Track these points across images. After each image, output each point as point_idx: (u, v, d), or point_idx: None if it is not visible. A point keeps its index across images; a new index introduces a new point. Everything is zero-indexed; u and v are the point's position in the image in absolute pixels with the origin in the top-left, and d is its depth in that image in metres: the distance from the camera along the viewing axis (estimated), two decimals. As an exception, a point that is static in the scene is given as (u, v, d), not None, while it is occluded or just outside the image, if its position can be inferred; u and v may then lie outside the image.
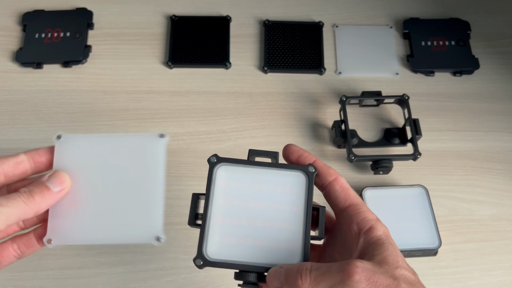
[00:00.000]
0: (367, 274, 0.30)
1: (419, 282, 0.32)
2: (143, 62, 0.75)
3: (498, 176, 0.68)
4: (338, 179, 0.38)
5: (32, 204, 0.34)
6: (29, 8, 0.77)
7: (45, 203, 0.35)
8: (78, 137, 0.38)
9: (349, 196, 0.37)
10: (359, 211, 0.36)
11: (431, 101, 0.73)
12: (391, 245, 0.34)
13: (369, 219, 0.35)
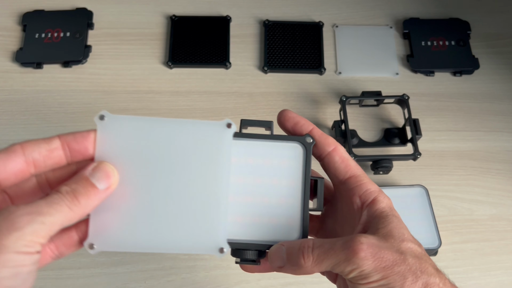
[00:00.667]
0: (373, 250, 0.29)
1: (426, 254, 0.32)
2: (143, 62, 0.75)
3: (498, 176, 0.68)
4: (337, 149, 0.35)
5: (77, 209, 0.28)
6: (29, 8, 0.77)
7: (91, 204, 0.29)
8: (125, 118, 0.31)
9: (349, 167, 0.35)
10: (361, 183, 0.34)
11: (431, 101, 0.73)
12: (395, 217, 0.32)
13: (371, 191, 0.34)
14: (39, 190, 0.31)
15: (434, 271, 0.30)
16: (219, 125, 0.32)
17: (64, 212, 0.27)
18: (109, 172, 0.30)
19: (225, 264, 0.60)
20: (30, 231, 0.25)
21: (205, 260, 0.60)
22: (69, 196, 0.28)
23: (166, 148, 0.31)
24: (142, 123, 0.31)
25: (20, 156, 0.29)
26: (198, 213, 0.31)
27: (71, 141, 0.31)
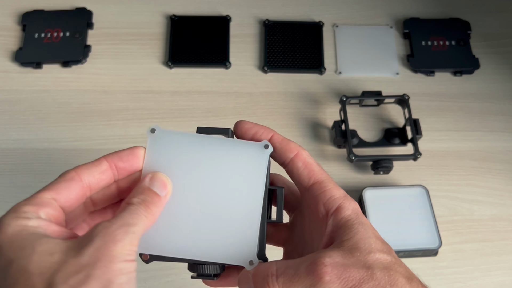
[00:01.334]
0: (338, 272, 0.28)
1: (396, 261, 0.30)
2: (143, 62, 0.75)
3: (499, 176, 0.68)
4: (300, 154, 0.34)
5: (151, 217, 0.30)
6: (29, 8, 0.77)
7: (158, 211, 0.31)
8: (172, 133, 0.33)
9: (313, 173, 0.33)
10: (325, 189, 0.32)
11: (431, 101, 0.73)
12: (361, 225, 0.31)
13: (335, 198, 0.32)
14: (84, 210, 0.34)
15: (405, 281, 0.29)
16: (258, 146, 0.33)
17: (143, 221, 0.29)
18: (164, 180, 0.32)
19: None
20: (128, 241, 0.27)
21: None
22: (142, 206, 0.30)
23: (207, 163, 0.33)
24: (187, 139, 0.33)
25: (78, 182, 0.31)
26: (232, 227, 0.32)
27: (118, 161, 0.33)
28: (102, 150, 0.67)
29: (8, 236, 0.27)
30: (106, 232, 0.27)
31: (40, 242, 0.27)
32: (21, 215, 0.29)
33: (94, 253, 0.26)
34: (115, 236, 0.27)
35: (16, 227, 0.28)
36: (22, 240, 0.27)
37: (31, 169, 0.66)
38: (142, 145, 0.33)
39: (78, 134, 0.68)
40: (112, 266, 0.26)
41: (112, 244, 0.27)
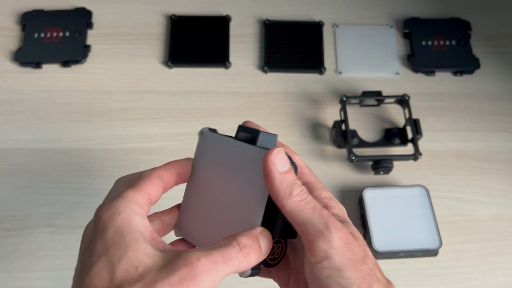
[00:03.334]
0: (348, 239, 0.28)
1: (379, 268, 0.31)
2: (143, 62, 0.74)
3: (499, 176, 0.67)
4: (291, 157, 0.34)
5: (246, 264, 0.30)
6: (28, 7, 0.77)
7: (253, 264, 0.31)
8: (213, 136, 0.36)
9: (302, 174, 0.34)
10: (312, 189, 0.33)
11: (431, 101, 0.73)
12: (349, 224, 0.31)
13: (322, 197, 0.33)
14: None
15: (386, 282, 0.30)
16: (260, 152, 0.32)
17: (234, 267, 0.29)
18: (269, 238, 0.31)
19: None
20: (204, 286, 0.27)
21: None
22: (245, 251, 0.29)
23: (228, 164, 0.34)
24: (221, 142, 0.35)
25: (162, 182, 0.33)
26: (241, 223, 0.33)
27: (179, 167, 0.35)
28: (102, 150, 0.67)
29: (115, 226, 0.29)
30: (189, 270, 0.27)
31: (134, 248, 0.28)
32: (131, 207, 0.30)
33: (177, 282, 0.26)
34: (195, 276, 0.27)
35: (124, 219, 0.29)
36: (122, 236, 0.28)
37: (31, 169, 0.66)
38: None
39: (77, 134, 0.68)
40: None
41: (188, 283, 0.26)
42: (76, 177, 0.65)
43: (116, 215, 0.29)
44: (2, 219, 0.62)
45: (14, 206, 0.63)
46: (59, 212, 0.63)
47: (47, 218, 0.62)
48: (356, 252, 0.29)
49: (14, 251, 0.60)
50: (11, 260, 0.60)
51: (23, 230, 0.61)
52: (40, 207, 0.63)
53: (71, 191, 0.64)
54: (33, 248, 0.60)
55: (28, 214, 0.62)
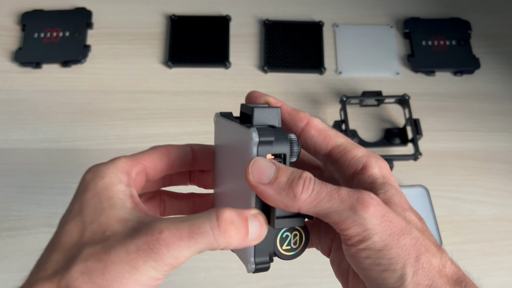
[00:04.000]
0: (382, 210, 0.25)
1: (428, 229, 0.28)
2: (143, 62, 0.74)
3: (499, 176, 0.67)
4: (310, 122, 0.30)
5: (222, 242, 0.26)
6: (28, 7, 0.77)
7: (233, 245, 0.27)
8: (221, 120, 0.33)
9: (329, 138, 0.30)
10: (345, 152, 0.29)
11: (431, 101, 0.73)
12: (392, 186, 0.28)
13: (359, 157, 0.29)
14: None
15: (436, 250, 0.27)
16: (246, 133, 0.29)
17: (206, 244, 0.25)
18: (263, 224, 0.27)
19: (225, 265, 0.59)
20: (163, 264, 0.24)
21: (205, 261, 0.60)
22: (224, 227, 0.25)
23: (230, 148, 0.32)
24: (222, 124, 0.33)
25: (167, 157, 0.32)
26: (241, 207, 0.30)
27: (199, 150, 0.33)
28: (101, 150, 0.67)
29: (95, 189, 0.28)
30: (149, 240, 0.24)
31: (108, 213, 0.27)
32: (117, 174, 0.29)
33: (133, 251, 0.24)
34: (151, 251, 0.24)
35: (105, 185, 0.28)
36: (99, 201, 0.28)
37: (31, 169, 0.66)
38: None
39: (77, 134, 0.68)
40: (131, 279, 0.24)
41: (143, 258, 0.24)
42: (76, 177, 0.65)
43: (99, 179, 0.29)
44: (2, 219, 0.62)
45: (14, 206, 0.63)
46: (59, 212, 0.62)
47: (47, 218, 0.62)
48: (395, 223, 0.25)
49: (14, 251, 0.60)
50: (11, 260, 0.59)
51: (23, 230, 0.61)
52: (40, 207, 0.63)
53: (71, 191, 0.64)
54: (33, 248, 0.60)
55: (28, 214, 0.62)
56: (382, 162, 0.29)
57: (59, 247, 0.27)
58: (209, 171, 0.36)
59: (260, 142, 0.27)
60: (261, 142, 0.27)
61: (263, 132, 0.27)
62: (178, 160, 0.32)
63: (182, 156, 0.32)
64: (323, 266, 0.58)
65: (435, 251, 0.27)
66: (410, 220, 0.26)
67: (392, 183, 0.28)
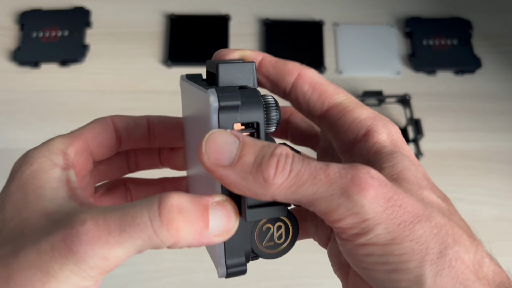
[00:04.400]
0: (388, 192, 0.18)
1: (455, 212, 0.22)
2: (142, 61, 0.74)
3: (501, 176, 0.67)
4: (303, 74, 0.24)
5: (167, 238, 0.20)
6: (27, 7, 0.77)
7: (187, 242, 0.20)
8: (186, 84, 0.27)
9: (325, 95, 0.23)
10: (344, 112, 0.23)
11: (432, 100, 0.73)
12: (405, 156, 0.21)
13: (361, 120, 0.22)
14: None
15: (470, 242, 0.20)
16: (203, 95, 0.22)
17: (144, 240, 0.19)
18: (231, 214, 0.20)
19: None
20: (87, 268, 0.19)
21: (205, 261, 0.59)
22: (168, 218, 0.19)
23: (194, 116, 0.26)
24: (186, 89, 0.28)
25: (112, 130, 0.26)
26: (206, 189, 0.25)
27: (159, 124, 0.27)
28: (100, 150, 0.66)
29: (21, 179, 0.22)
30: (71, 235, 0.18)
31: (31, 208, 0.21)
32: (50, 157, 0.23)
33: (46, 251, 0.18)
34: (71, 249, 0.18)
35: (33, 173, 0.22)
36: (24, 193, 0.22)
37: (29, 170, 0.65)
38: None
39: (76, 134, 0.68)
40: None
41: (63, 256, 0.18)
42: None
43: (27, 166, 0.23)
44: (0, 219, 0.61)
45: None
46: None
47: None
48: (407, 207, 0.18)
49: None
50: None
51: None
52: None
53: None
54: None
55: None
56: (393, 127, 0.23)
57: None
58: (178, 149, 0.29)
59: (221, 107, 0.20)
60: (223, 107, 0.20)
61: (226, 94, 0.20)
62: (128, 133, 0.27)
63: (133, 129, 0.27)
64: (324, 267, 0.58)
65: (467, 243, 0.20)
66: (430, 202, 0.20)
67: (405, 152, 0.22)
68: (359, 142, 0.22)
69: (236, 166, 0.19)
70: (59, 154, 0.24)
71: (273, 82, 0.25)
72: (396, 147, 0.22)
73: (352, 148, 0.23)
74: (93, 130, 0.26)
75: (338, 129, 0.23)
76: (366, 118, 0.22)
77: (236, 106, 0.21)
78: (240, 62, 0.24)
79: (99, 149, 0.26)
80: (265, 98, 0.22)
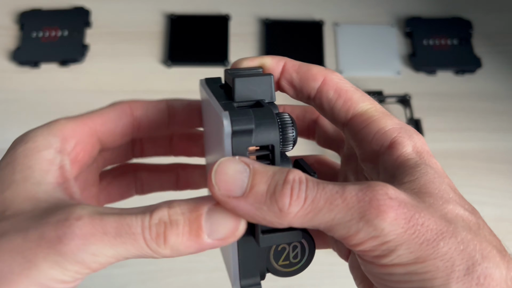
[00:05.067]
0: (408, 212, 0.18)
1: (484, 226, 0.20)
2: (142, 61, 0.74)
3: (502, 176, 0.67)
4: (328, 80, 0.24)
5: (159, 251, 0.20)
6: (27, 6, 0.77)
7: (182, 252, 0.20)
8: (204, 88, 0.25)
9: (350, 102, 0.23)
10: (370, 121, 0.22)
11: (433, 100, 0.72)
12: (430, 167, 0.21)
13: (387, 131, 0.22)
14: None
15: (500, 257, 0.19)
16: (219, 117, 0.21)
17: (135, 248, 0.19)
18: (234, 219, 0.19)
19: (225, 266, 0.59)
20: (73, 261, 0.18)
21: (205, 262, 0.59)
22: (157, 230, 0.18)
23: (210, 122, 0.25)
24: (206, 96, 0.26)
25: (129, 116, 0.25)
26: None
27: (179, 107, 0.26)
28: (100, 150, 0.66)
29: (12, 157, 0.22)
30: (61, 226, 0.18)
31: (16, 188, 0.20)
32: (47, 138, 0.22)
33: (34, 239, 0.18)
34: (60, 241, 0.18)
35: (25, 151, 0.21)
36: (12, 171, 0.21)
37: (29, 170, 0.65)
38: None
39: (76, 134, 0.68)
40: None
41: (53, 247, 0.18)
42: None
43: (21, 143, 0.22)
44: (0, 220, 0.61)
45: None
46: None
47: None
48: (429, 225, 0.18)
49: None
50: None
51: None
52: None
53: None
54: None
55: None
56: (418, 138, 0.22)
57: None
58: (196, 137, 0.28)
59: (234, 132, 0.19)
60: (236, 132, 0.19)
61: (239, 117, 0.20)
62: (148, 120, 0.25)
63: (153, 116, 0.25)
64: (323, 267, 0.58)
65: (497, 258, 0.18)
66: (455, 216, 0.19)
67: (431, 163, 0.21)
68: (383, 155, 0.22)
69: (248, 197, 0.18)
70: (58, 136, 0.23)
71: (297, 88, 0.24)
72: (422, 158, 0.22)
73: (375, 159, 0.22)
74: (106, 115, 0.25)
75: (362, 139, 0.22)
76: (391, 130, 0.22)
77: (250, 130, 0.20)
78: (257, 75, 0.22)
79: (110, 136, 0.25)
80: (281, 116, 0.22)
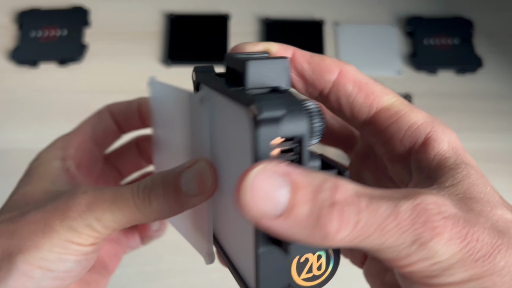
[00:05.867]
0: (462, 230, 0.16)
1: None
2: (141, 60, 0.74)
3: (503, 176, 0.67)
4: (344, 72, 0.21)
5: (147, 212, 0.24)
6: (25, 6, 0.76)
7: (167, 212, 0.24)
8: (159, 85, 0.27)
9: (373, 95, 0.21)
10: (397, 117, 0.20)
11: (434, 100, 0.72)
12: (470, 167, 0.19)
13: (419, 126, 0.20)
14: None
15: None
16: (192, 98, 0.22)
17: (128, 213, 0.23)
18: (204, 177, 0.22)
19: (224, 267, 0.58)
20: (83, 225, 0.23)
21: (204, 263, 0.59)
22: (142, 194, 0.23)
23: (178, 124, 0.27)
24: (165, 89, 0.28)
25: (109, 116, 0.31)
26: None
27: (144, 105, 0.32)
28: (99, 151, 0.66)
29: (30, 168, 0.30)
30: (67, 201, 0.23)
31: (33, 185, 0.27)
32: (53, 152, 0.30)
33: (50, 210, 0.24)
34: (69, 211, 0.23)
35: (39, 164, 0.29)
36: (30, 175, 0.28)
37: (27, 170, 0.65)
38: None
39: (75, 134, 0.67)
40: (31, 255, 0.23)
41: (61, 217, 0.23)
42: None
43: (35, 161, 0.31)
44: None
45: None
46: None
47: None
48: (484, 239, 0.16)
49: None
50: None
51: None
52: (37, 208, 0.62)
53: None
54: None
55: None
56: (451, 133, 0.20)
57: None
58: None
59: (262, 120, 0.16)
60: (264, 120, 0.16)
61: (268, 101, 0.16)
62: (123, 117, 0.32)
63: (126, 112, 0.32)
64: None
65: None
66: (506, 223, 0.17)
67: (468, 161, 0.19)
68: (416, 153, 0.20)
69: (288, 218, 0.15)
70: (59, 149, 0.30)
71: (308, 81, 0.21)
72: (459, 157, 0.20)
73: (405, 158, 0.20)
74: (90, 122, 0.31)
75: (389, 136, 0.20)
76: (424, 124, 0.20)
77: (277, 119, 0.16)
78: (270, 58, 0.19)
79: (101, 137, 0.31)
80: (307, 104, 0.19)
